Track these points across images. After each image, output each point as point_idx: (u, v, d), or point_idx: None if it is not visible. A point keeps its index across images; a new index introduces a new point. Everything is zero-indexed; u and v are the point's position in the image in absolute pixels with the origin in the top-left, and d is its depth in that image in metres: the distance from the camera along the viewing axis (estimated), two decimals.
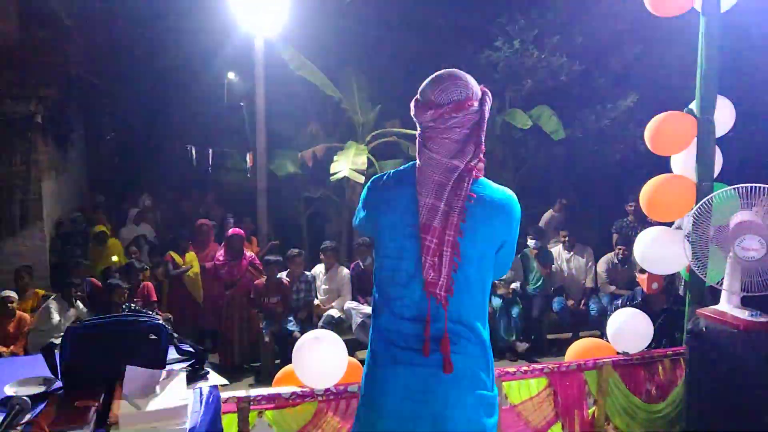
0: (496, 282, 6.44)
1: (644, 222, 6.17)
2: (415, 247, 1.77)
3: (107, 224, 8.01)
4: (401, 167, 1.93)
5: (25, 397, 1.69)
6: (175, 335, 2.06)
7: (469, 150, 1.79)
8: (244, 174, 10.92)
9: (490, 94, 1.84)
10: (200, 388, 1.90)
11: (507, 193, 1.85)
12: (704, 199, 3.13)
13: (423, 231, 1.75)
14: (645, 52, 8.86)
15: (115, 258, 7.05)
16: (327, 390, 2.77)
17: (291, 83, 8.84)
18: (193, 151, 12.81)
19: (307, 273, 6.58)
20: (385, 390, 1.78)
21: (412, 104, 1.88)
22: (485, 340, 1.81)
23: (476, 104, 1.79)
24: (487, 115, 1.82)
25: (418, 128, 1.87)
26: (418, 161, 1.85)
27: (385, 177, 1.92)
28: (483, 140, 1.81)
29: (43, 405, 1.72)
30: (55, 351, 1.92)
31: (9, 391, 1.84)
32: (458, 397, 1.73)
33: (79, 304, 5.62)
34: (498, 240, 1.83)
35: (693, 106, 3.42)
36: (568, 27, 8.94)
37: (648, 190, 3.44)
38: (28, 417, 1.65)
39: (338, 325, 6.18)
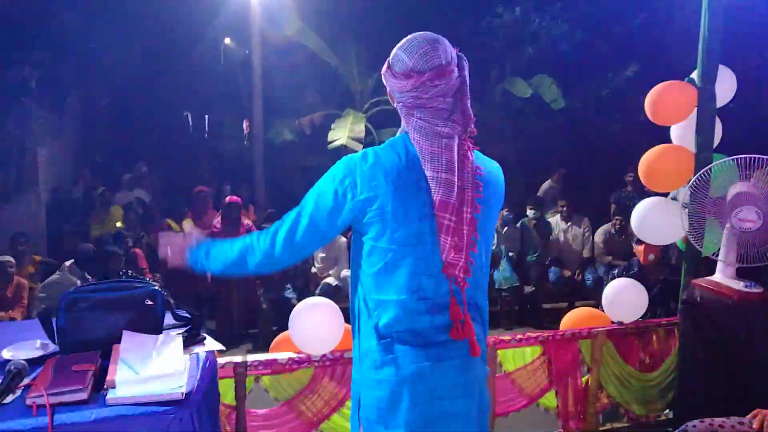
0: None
1: (642, 193, 6.17)
2: (433, 227, 1.61)
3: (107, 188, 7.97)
4: (385, 142, 1.72)
5: (22, 361, 1.70)
6: (171, 301, 2.06)
7: (458, 119, 1.65)
8: (241, 142, 10.86)
9: (465, 58, 1.69)
10: (197, 354, 1.90)
11: (497, 165, 1.78)
12: (702, 170, 3.12)
13: (440, 209, 1.59)
14: (647, 21, 8.75)
15: (119, 224, 7.04)
16: (323, 356, 2.80)
17: (288, 50, 8.74)
18: (190, 118, 12.68)
19: None
20: (421, 397, 1.62)
21: (385, 73, 1.70)
22: (486, 319, 1.77)
23: (456, 69, 1.64)
24: (467, 80, 1.68)
25: (397, 98, 1.70)
26: (410, 133, 1.67)
27: (371, 154, 1.67)
28: (469, 108, 1.68)
29: (40, 369, 1.73)
30: (52, 316, 1.92)
31: (6, 354, 1.84)
32: (484, 376, 1.71)
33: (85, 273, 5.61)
34: (498, 212, 1.78)
35: (694, 75, 3.38)
36: None
37: (647, 160, 3.43)
38: (26, 381, 1.66)
39: (335, 294, 6.22)
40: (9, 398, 1.58)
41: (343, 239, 6.64)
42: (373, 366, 1.67)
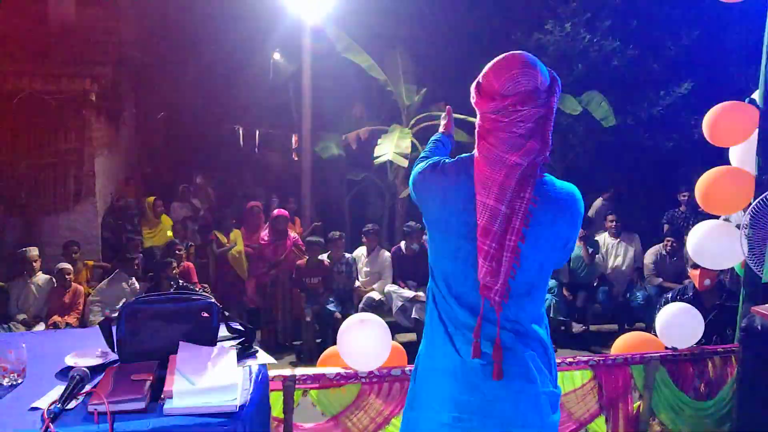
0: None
1: (697, 213, 6.00)
2: (473, 248, 1.65)
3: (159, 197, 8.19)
4: (461, 156, 1.76)
5: (84, 368, 1.76)
6: (226, 313, 2.10)
7: (533, 147, 1.61)
8: (289, 155, 11.03)
9: (560, 82, 1.66)
10: (249, 366, 1.94)
11: (571, 191, 1.72)
12: (764, 194, 3.02)
13: (481, 234, 1.62)
14: (702, 38, 8.53)
15: (169, 233, 7.23)
16: (370, 372, 2.80)
17: (337, 65, 8.84)
18: (241, 132, 12.97)
19: (348, 255, 6.62)
20: (444, 372, 1.73)
21: (473, 89, 1.69)
22: (543, 339, 1.74)
23: (544, 95, 1.60)
24: (555, 107, 1.64)
25: (478, 117, 1.70)
26: (476, 153, 1.69)
27: (442, 163, 1.76)
28: (550, 136, 1.64)
29: (100, 376, 1.78)
30: (112, 325, 1.99)
31: (70, 361, 1.91)
32: (527, 393, 1.68)
33: (133, 279, 5.79)
34: (562, 240, 1.72)
35: (756, 96, 3.28)
36: (621, 10, 8.67)
37: (705, 181, 3.33)
38: (87, 387, 1.71)
39: (378, 308, 6.22)
40: (72, 404, 1.64)
41: (387, 254, 6.66)
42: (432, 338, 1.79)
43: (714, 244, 3.29)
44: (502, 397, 1.66)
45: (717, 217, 3.53)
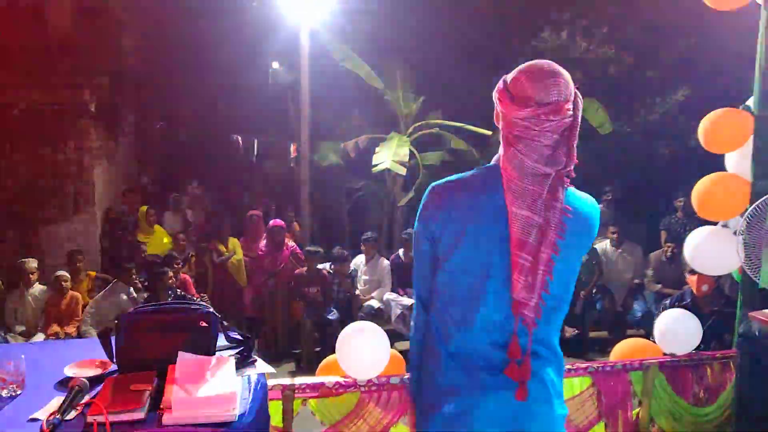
0: None
1: (693, 219, 6.01)
2: (505, 263, 1.57)
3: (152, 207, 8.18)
4: (477, 170, 1.68)
5: (84, 379, 1.76)
6: (225, 323, 2.11)
7: (561, 157, 1.57)
8: (288, 164, 11.04)
9: (580, 96, 1.62)
10: (248, 376, 1.94)
11: (592, 203, 1.71)
12: (760, 200, 3.03)
13: (517, 247, 1.55)
14: (698, 45, 8.59)
15: (166, 240, 7.22)
16: (369, 381, 2.80)
17: (335, 74, 8.88)
18: (240, 141, 12.99)
19: (351, 266, 6.64)
20: (481, 423, 1.61)
21: (501, 93, 1.63)
22: (560, 355, 1.72)
23: (571, 107, 1.58)
24: (579, 119, 1.60)
25: (503, 121, 1.63)
26: (503, 163, 1.61)
27: (458, 180, 1.66)
28: (575, 147, 1.61)
29: (99, 387, 1.79)
30: (111, 335, 1.99)
31: (69, 372, 1.92)
32: (548, 416, 1.66)
33: (131, 290, 5.79)
34: (585, 251, 1.72)
35: (750, 102, 3.30)
36: (618, 18, 8.74)
37: (700, 188, 3.35)
38: (87, 398, 1.72)
39: (378, 316, 6.23)
40: (71, 415, 1.64)
41: (386, 262, 6.66)
42: (437, 387, 1.67)
43: (711, 250, 3.30)
44: (522, 418, 1.62)
45: (713, 224, 3.54)
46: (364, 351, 2.78)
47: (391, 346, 2.92)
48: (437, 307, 1.69)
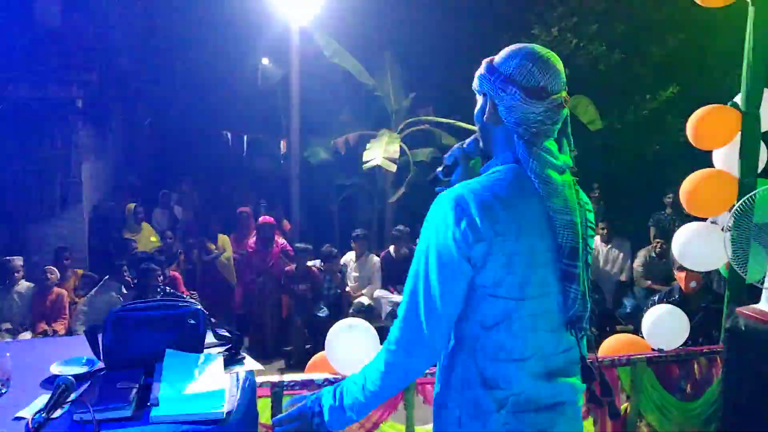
0: None
1: (682, 215, 6.05)
2: (556, 276, 1.42)
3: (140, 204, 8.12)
4: (498, 174, 1.45)
5: (70, 376, 1.75)
6: (213, 320, 2.10)
7: (565, 150, 1.48)
8: (278, 160, 11.02)
9: None
10: (237, 373, 1.93)
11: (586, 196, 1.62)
12: (747, 196, 3.05)
13: (569, 257, 1.39)
14: (687, 42, 8.63)
15: (153, 238, 7.18)
16: None
17: (325, 70, 8.86)
18: (229, 137, 12.95)
19: (342, 263, 6.63)
20: None
21: (502, 85, 1.42)
22: None
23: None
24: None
25: (511, 119, 1.43)
26: (531, 165, 1.41)
27: (483, 188, 1.40)
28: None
29: (86, 384, 1.77)
30: (98, 333, 1.98)
31: (55, 370, 1.90)
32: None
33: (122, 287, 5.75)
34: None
35: (738, 99, 3.32)
36: (608, 15, 8.76)
37: (688, 184, 3.37)
38: (73, 396, 1.70)
39: (368, 313, 6.22)
40: (57, 413, 1.63)
41: (376, 259, 6.66)
42: None
43: (698, 246, 3.32)
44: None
45: (702, 220, 3.56)
46: (353, 348, 2.77)
47: (381, 343, 2.91)
48: (479, 345, 1.42)
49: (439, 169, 1.74)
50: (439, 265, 1.38)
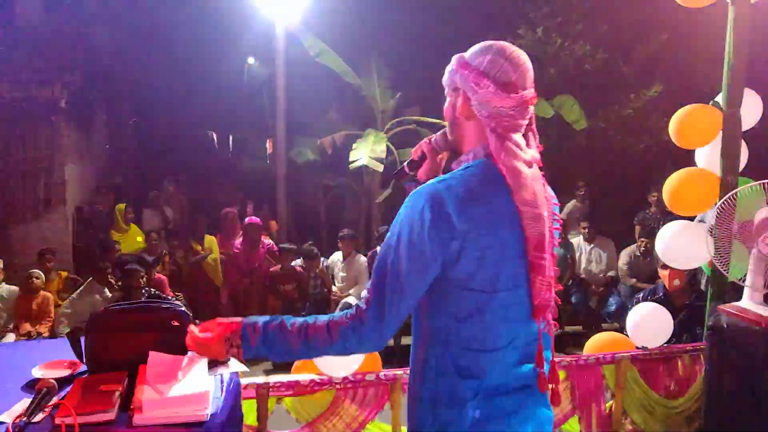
0: None
1: (667, 213, 6.09)
2: (526, 269, 1.45)
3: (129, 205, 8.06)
4: (472, 169, 1.46)
5: (52, 380, 1.73)
6: (197, 321, 2.08)
7: (532, 145, 1.52)
8: (264, 160, 10.97)
9: None
10: (221, 375, 1.92)
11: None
12: (728, 194, 3.08)
13: (536, 248, 1.43)
14: (671, 42, 8.71)
15: (139, 239, 7.13)
16: (345, 378, 2.80)
17: (311, 70, 8.84)
18: (215, 137, 12.87)
19: (328, 263, 6.63)
20: None
21: (475, 79, 1.45)
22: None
23: None
24: None
25: (488, 113, 1.45)
26: (503, 159, 1.43)
27: (457, 183, 1.42)
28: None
29: (69, 388, 1.76)
30: (81, 335, 1.96)
31: (37, 373, 1.88)
32: (550, 422, 1.57)
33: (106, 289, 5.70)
34: None
35: (719, 99, 3.36)
36: (592, 15, 8.83)
37: (671, 183, 3.40)
38: (55, 399, 1.69)
39: None
40: (39, 417, 1.61)
41: (363, 259, 6.66)
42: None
43: (681, 245, 3.36)
44: (547, 424, 1.54)
45: (686, 218, 3.59)
46: None
47: None
48: (453, 337, 1.45)
49: (406, 163, 1.77)
50: (408, 260, 1.40)
